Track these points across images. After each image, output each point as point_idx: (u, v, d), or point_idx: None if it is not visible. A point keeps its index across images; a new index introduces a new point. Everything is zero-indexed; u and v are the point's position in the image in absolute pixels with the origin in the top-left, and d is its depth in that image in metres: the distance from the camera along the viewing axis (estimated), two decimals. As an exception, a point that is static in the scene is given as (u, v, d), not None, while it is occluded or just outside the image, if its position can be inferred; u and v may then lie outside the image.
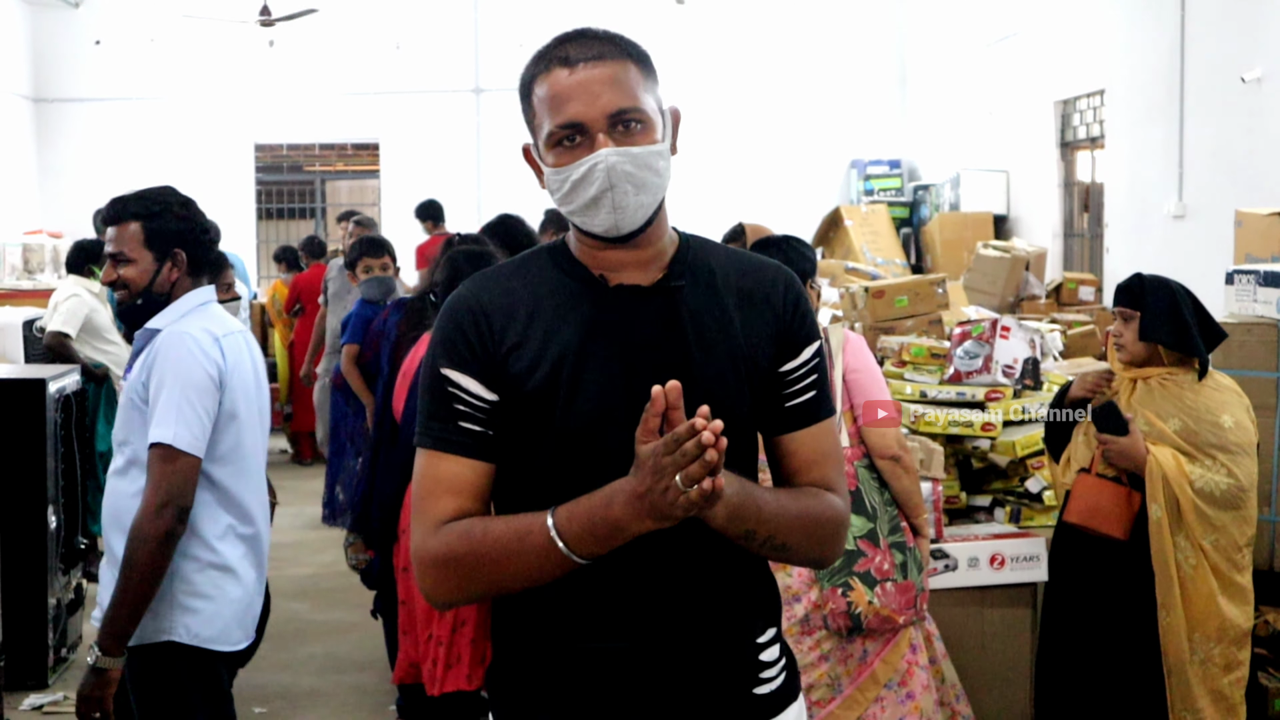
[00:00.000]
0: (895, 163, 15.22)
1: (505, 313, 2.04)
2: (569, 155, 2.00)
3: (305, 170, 16.69)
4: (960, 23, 14.00)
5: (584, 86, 1.99)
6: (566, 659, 2.04)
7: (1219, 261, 6.67)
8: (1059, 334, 7.11)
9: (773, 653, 2.12)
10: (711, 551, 2.02)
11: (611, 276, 2.06)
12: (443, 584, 2.00)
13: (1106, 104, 10.82)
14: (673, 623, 2.02)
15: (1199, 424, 4.13)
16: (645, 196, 2.01)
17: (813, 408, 2.12)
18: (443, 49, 15.64)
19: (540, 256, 2.12)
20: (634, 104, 2.00)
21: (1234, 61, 8.56)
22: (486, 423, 2.02)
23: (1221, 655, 4.13)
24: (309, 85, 15.63)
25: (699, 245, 2.14)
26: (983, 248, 10.56)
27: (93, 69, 15.60)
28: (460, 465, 2.02)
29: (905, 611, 3.86)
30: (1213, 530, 4.10)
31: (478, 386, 2.02)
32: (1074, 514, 4.25)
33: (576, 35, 2.04)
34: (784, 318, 2.10)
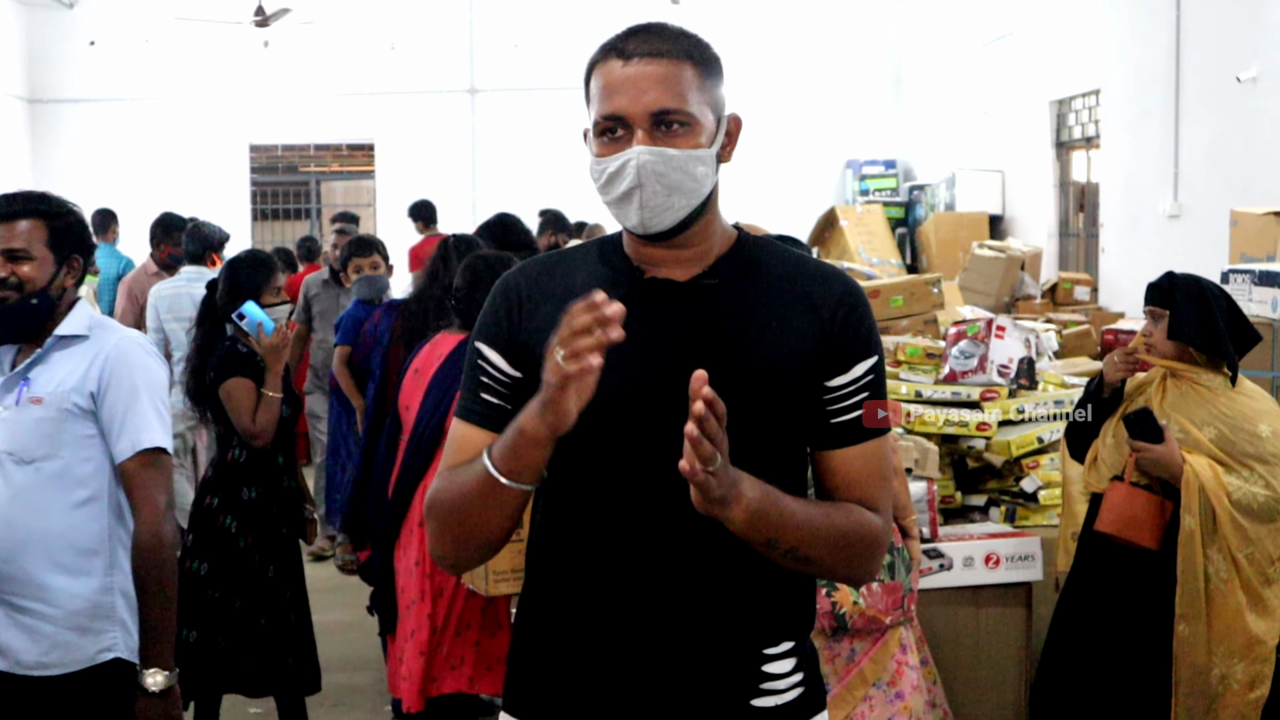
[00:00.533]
0: (890, 163, 15.23)
1: (540, 294, 2.09)
2: (609, 147, 2.02)
3: (300, 171, 16.69)
4: (955, 23, 14.01)
5: (632, 81, 1.99)
6: (566, 660, 2.06)
7: (1214, 261, 6.68)
8: (1054, 334, 7.11)
9: (783, 665, 2.08)
10: (728, 559, 2.00)
11: (651, 270, 2.07)
12: (432, 535, 2.06)
13: (1102, 104, 10.83)
14: (673, 624, 2.01)
15: (1236, 433, 4.03)
16: (678, 199, 2.00)
17: (860, 426, 2.07)
18: (438, 50, 15.64)
19: (591, 246, 2.16)
20: (679, 105, 2.00)
21: (1229, 62, 8.57)
22: (507, 397, 2.07)
23: (1245, 673, 4.02)
24: (304, 86, 15.62)
25: (756, 248, 2.12)
26: (978, 247, 10.57)
27: (87, 70, 15.59)
28: (477, 434, 2.06)
29: (892, 612, 3.85)
30: (1248, 543, 3.99)
31: (501, 361, 2.08)
32: (1107, 524, 4.15)
33: (643, 29, 2.05)
34: (831, 331, 2.04)
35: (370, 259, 6.58)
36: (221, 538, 4.65)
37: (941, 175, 13.72)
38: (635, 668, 2.02)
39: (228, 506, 4.66)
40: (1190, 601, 4.03)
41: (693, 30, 2.10)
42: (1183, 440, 4.07)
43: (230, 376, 4.64)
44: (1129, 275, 10.23)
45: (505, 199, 9.57)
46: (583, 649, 2.04)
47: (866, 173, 15.14)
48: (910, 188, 14.65)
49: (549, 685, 2.08)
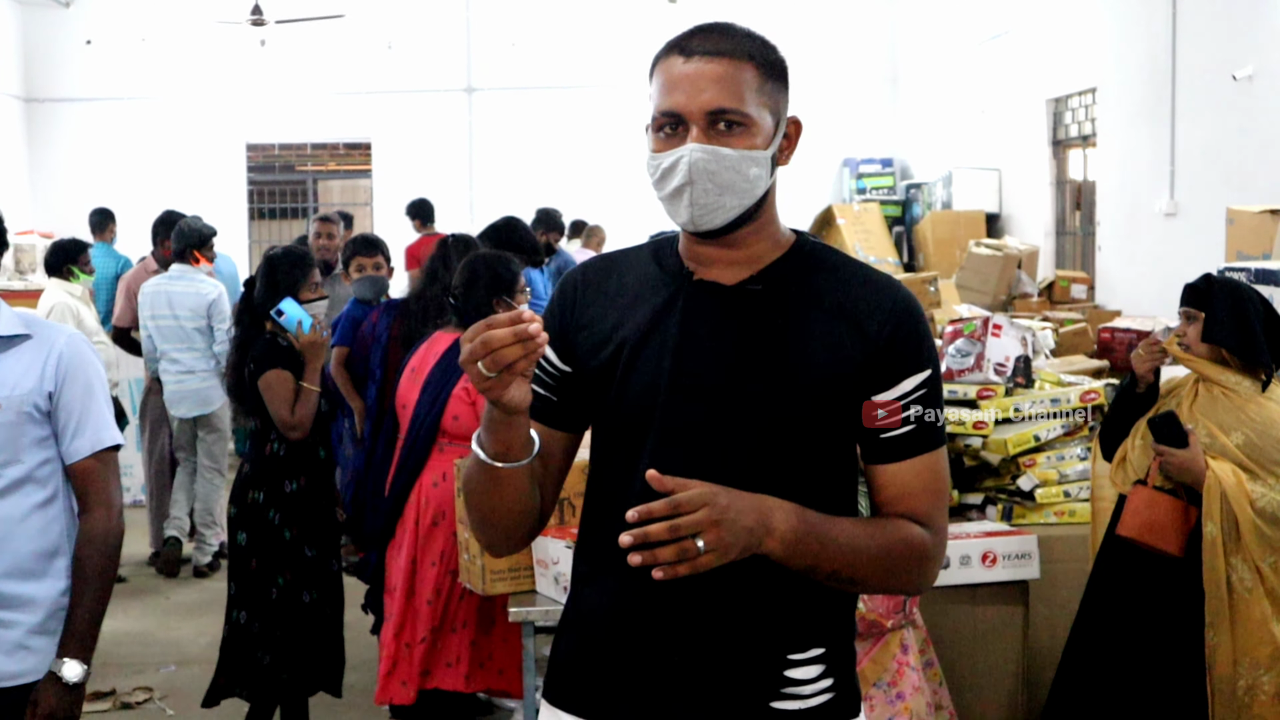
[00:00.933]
0: (888, 161, 15.24)
1: (596, 291, 2.13)
2: (664, 143, 2.02)
3: (297, 170, 16.69)
4: (952, 21, 14.02)
5: (691, 79, 2.00)
6: (597, 653, 2.09)
7: (1211, 259, 6.68)
8: (1051, 332, 7.11)
9: (809, 671, 2.06)
10: (758, 562, 1.97)
11: (701, 271, 2.08)
12: (470, 520, 2.12)
13: (1098, 102, 10.84)
14: (696, 624, 2.02)
15: (1263, 439, 3.97)
16: (730, 198, 2.00)
17: (911, 441, 2.03)
18: (434, 48, 15.63)
19: (648, 246, 2.19)
20: (735, 105, 2.00)
21: (1225, 60, 8.57)
22: (555, 390, 2.12)
23: (1272, 683, 3.94)
24: (301, 85, 15.62)
25: (812, 255, 2.10)
26: (975, 246, 10.58)
27: (84, 69, 15.59)
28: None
29: (893, 615, 3.83)
30: (1272, 552, 3.94)
31: (551, 354, 2.11)
32: (1129, 529, 4.11)
33: (709, 28, 2.06)
34: (877, 346, 2.01)
35: (374, 259, 6.58)
36: (269, 532, 4.71)
37: (938, 173, 13.72)
38: (661, 664, 2.04)
39: (272, 500, 4.72)
40: (1215, 610, 3.97)
41: (760, 34, 2.11)
42: (1209, 445, 4.02)
43: (270, 368, 4.70)
44: (1125, 273, 10.25)
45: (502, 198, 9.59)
46: (613, 642, 2.07)
47: (863, 171, 15.15)
48: (907, 186, 14.65)
49: (581, 676, 2.12)
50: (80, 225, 10.60)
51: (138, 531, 8.67)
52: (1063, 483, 4.79)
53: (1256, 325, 4.04)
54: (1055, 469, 4.79)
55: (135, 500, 9.67)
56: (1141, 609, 4.16)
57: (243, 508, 4.76)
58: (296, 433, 4.68)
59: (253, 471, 4.79)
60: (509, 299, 4.56)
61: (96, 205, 10.65)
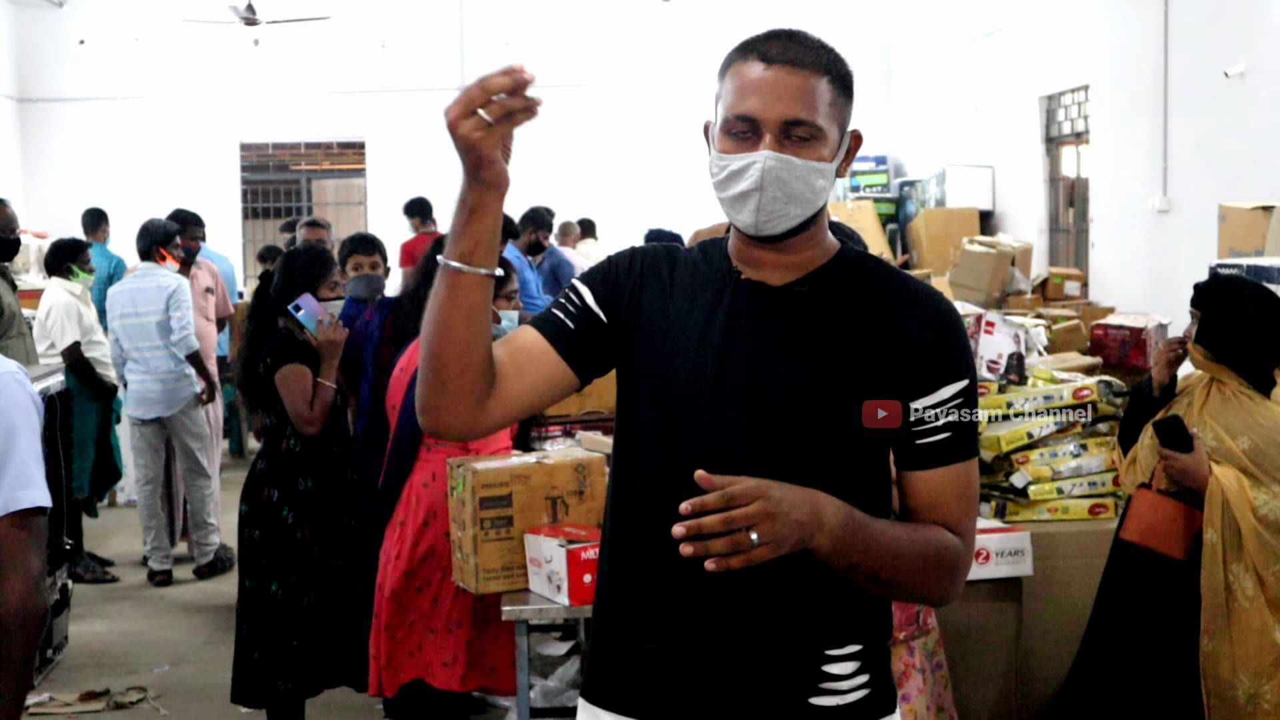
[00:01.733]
0: (881, 159, 15.24)
1: (651, 275, 2.15)
2: (736, 145, 2.03)
3: (291, 169, 16.67)
4: (945, 19, 14.03)
5: (770, 86, 2.02)
6: (625, 658, 2.11)
7: (1203, 255, 6.70)
8: (1044, 329, 7.11)
9: (846, 666, 2.08)
10: (795, 558, 1.97)
11: (749, 272, 2.11)
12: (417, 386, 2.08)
13: (1091, 99, 10.85)
14: (735, 621, 2.04)
15: (1269, 445, 3.92)
16: (794, 207, 2.03)
17: (944, 449, 2.06)
18: (428, 48, 15.62)
19: (698, 247, 2.21)
20: (811, 117, 2.02)
21: (1217, 57, 8.58)
22: (581, 321, 2.12)
23: (1274, 693, 3.91)
24: (294, 84, 15.61)
25: (858, 262, 2.14)
26: (968, 243, 10.58)
27: (77, 68, 15.57)
28: (530, 334, 2.12)
29: (905, 627, 3.80)
30: (1275, 560, 3.91)
31: (591, 299, 2.14)
32: (1131, 532, 4.11)
33: (788, 34, 2.10)
34: (918, 352, 2.05)
35: (371, 258, 6.58)
36: (281, 530, 4.71)
37: (932, 171, 13.73)
38: (701, 660, 2.05)
39: (286, 498, 4.72)
40: (1213, 617, 3.96)
41: (832, 45, 2.15)
42: (1216, 449, 3.99)
43: (287, 362, 4.69)
44: (1119, 270, 10.26)
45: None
46: (650, 640, 2.08)
47: (857, 169, 15.14)
48: (901, 184, 14.66)
49: (621, 673, 2.13)
50: (74, 225, 10.58)
51: (133, 532, 8.67)
52: (1056, 479, 4.79)
53: (1253, 328, 3.99)
54: (1048, 466, 4.79)
55: (130, 500, 9.67)
56: (1146, 610, 4.14)
57: (256, 505, 4.76)
58: (312, 428, 4.69)
59: (268, 468, 4.78)
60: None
61: (90, 205, 10.64)
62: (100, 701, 5.67)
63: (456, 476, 4.09)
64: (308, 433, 4.69)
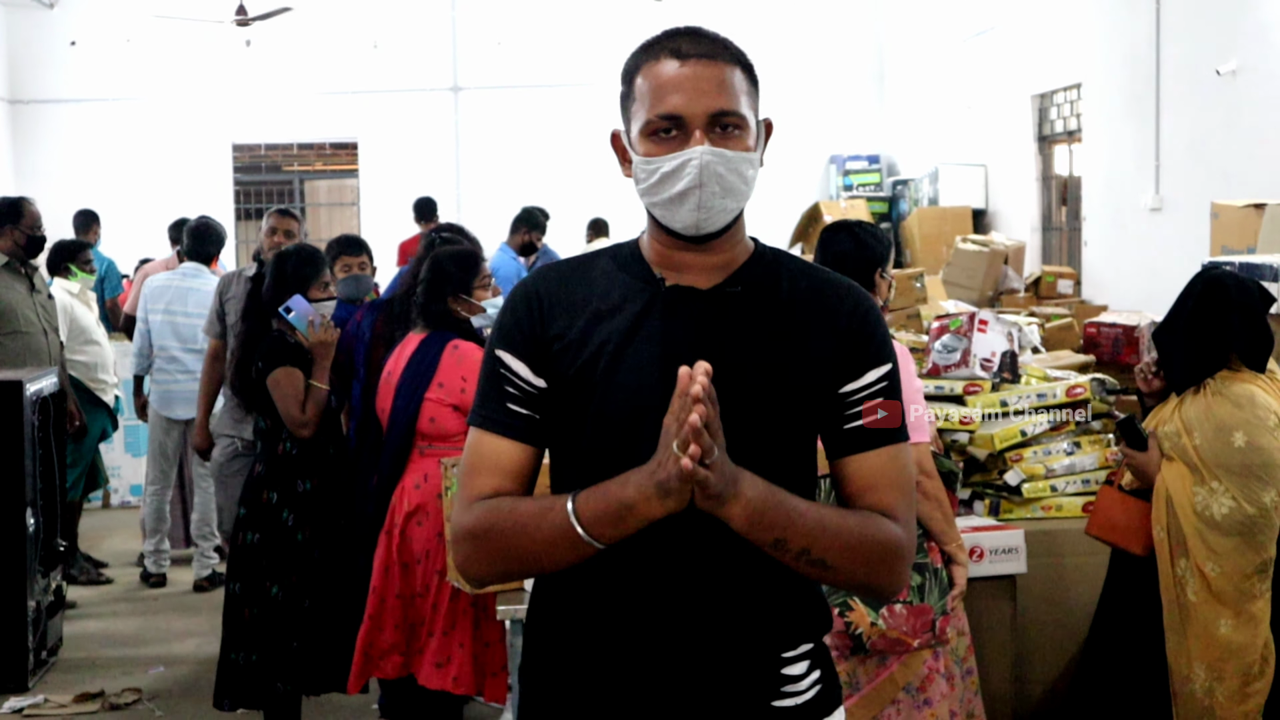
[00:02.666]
0: (874, 158, 15.25)
1: (560, 302, 2.07)
2: (663, 147, 2.00)
3: (283, 170, 16.65)
4: (938, 17, 14.03)
5: (690, 81, 1.99)
6: (588, 662, 2.06)
7: (1195, 253, 6.70)
8: (1037, 327, 7.13)
9: (801, 667, 2.09)
10: (744, 561, 2.00)
11: (673, 277, 2.07)
12: (473, 558, 2.03)
13: (1083, 98, 10.86)
14: (691, 630, 2.02)
15: (1214, 441, 3.96)
16: (730, 201, 2.01)
17: (874, 432, 2.07)
18: (421, 48, 15.61)
19: (606, 253, 2.15)
20: (735, 108, 2.01)
21: (1209, 55, 8.60)
22: (533, 406, 2.06)
23: (1229, 686, 3.95)
24: (286, 85, 15.59)
25: (772, 257, 2.13)
26: (961, 242, 10.59)
27: (68, 70, 15.53)
28: (504, 445, 2.05)
29: (920, 635, 3.73)
30: (1214, 555, 3.94)
31: (526, 370, 2.05)
32: (1093, 527, 4.23)
33: (690, 31, 2.06)
34: (846, 336, 2.06)
35: (359, 258, 6.57)
36: (282, 533, 4.70)
37: (924, 170, 13.74)
38: (657, 673, 2.02)
39: (285, 501, 4.71)
40: (1170, 612, 4.02)
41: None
42: (1174, 446, 4.04)
43: (279, 365, 4.68)
44: (1111, 268, 10.27)
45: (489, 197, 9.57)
46: (603, 657, 2.04)
47: (850, 168, 15.15)
48: (894, 182, 14.67)
49: (568, 695, 2.08)
50: (66, 226, 10.56)
51: (127, 533, 8.67)
52: (1049, 477, 4.80)
53: (1201, 328, 4.05)
54: (1042, 464, 4.80)
55: (124, 501, 9.66)
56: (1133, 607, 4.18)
57: (255, 508, 4.74)
58: (305, 430, 4.68)
59: (266, 472, 4.77)
60: (467, 296, 4.55)
61: (82, 207, 10.63)
62: (95, 703, 5.66)
63: (451, 476, 4.09)
64: (301, 435, 4.68)
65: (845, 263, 3.92)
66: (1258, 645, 3.95)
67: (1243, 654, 3.95)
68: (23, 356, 6.56)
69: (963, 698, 3.97)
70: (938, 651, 3.85)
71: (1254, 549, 3.92)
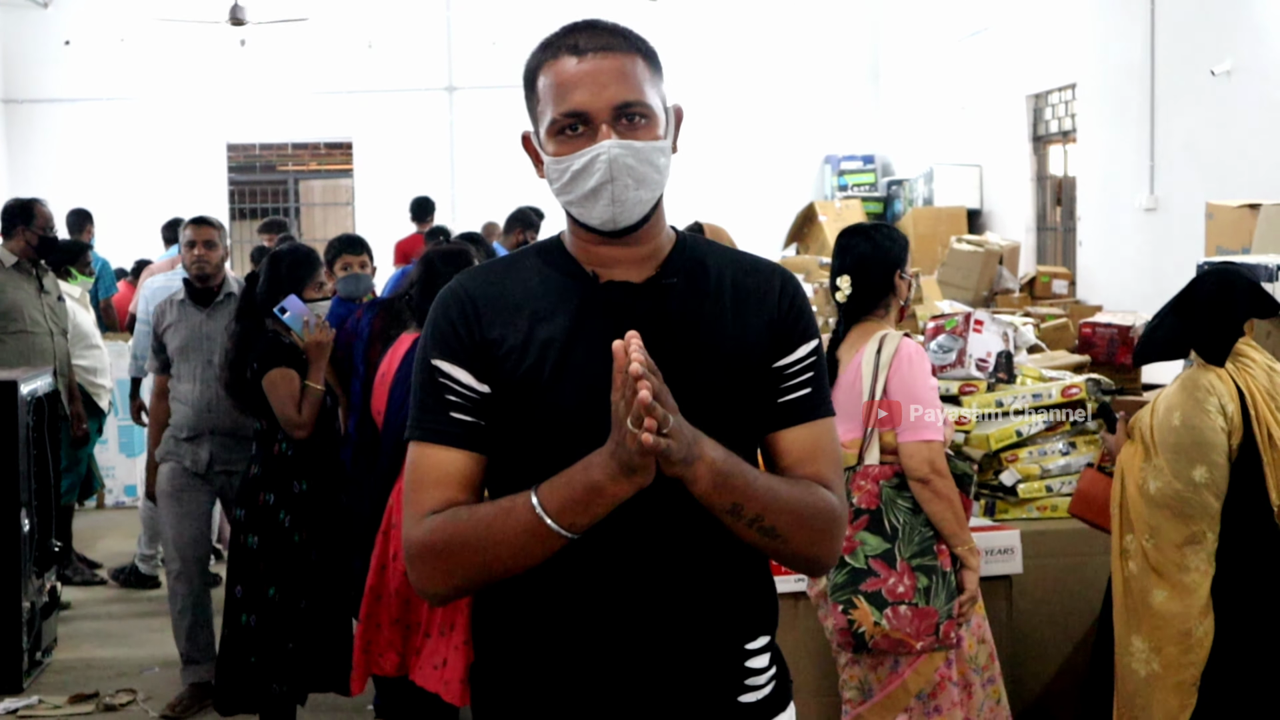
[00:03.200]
0: (869, 158, 15.26)
1: (494, 304, 2.03)
2: (571, 145, 1.98)
3: (278, 170, 16.65)
4: (933, 18, 14.04)
5: (591, 76, 1.96)
6: (545, 665, 2.03)
7: (1190, 253, 6.70)
8: (1032, 327, 7.12)
9: (761, 660, 2.09)
10: (704, 555, 2.00)
11: (603, 273, 2.05)
12: (432, 573, 1.98)
13: (1078, 98, 10.87)
14: (656, 628, 2.00)
15: (1160, 422, 4.09)
16: (645, 192, 2.00)
17: (806, 405, 2.08)
18: (415, 48, 15.61)
19: (530, 253, 2.11)
20: (639, 98, 1.98)
21: (1204, 55, 8.61)
22: (477, 414, 2.01)
23: (1165, 657, 4.05)
24: (281, 85, 15.58)
25: (695, 244, 2.12)
26: (956, 242, 10.59)
27: (63, 69, 15.52)
28: (451, 456, 2.01)
29: (923, 638, 3.70)
30: (1150, 529, 4.05)
31: (468, 377, 2.01)
32: (1073, 505, 4.40)
33: (586, 25, 2.03)
34: (778, 315, 2.08)
35: (360, 257, 6.54)
36: (279, 534, 4.69)
37: (919, 170, 13.75)
38: (622, 668, 2.01)
39: (282, 502, 4.70)
40: (1115, 584, 4.16)
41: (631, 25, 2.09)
42: (1140, 427, 4.18)
43: (274, 366, 4.66)
44: (1106, 268, 10.28)
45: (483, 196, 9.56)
46: (563, 653, 2.02)
47: (845, 168, 15.16)
48: (889, 183, 14.68)
49: (526, 695, 2.05)
50: (59, 226, 10.53)
51: (121, 533, 8.65)
52: (1045, 478, 4.80)
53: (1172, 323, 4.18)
54: (1037, 464, 4.80)
55: (118, 501, 9.64)
56: None
57: (252, 510, 4.73)
58: (301, 431, 4.67)
59: (262, 473, 4.76)
60: None
61: (76, 206, 10.60)
62: (90, 704, 5.65)
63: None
64: (297, 436, 4.67)
65: (864, 266, 3.93)
66: (1190, 615, 4.02)
67: (1175, 624, 4.03)
68: (26, 356, 6.55)
69: (982, 707, 3.94)
70: (951, 659, 3.83)
71: (1182, 521, 4.01)
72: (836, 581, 3.71)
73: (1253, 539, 4.02)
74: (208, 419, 5.44)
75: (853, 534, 3.72)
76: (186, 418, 5.49)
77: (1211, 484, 4.00)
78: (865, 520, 3.73)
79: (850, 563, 3.71)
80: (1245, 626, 4.03)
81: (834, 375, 3.85)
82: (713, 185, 14.46)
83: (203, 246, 5.67)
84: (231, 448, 5.40)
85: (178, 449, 5.52)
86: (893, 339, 3.81)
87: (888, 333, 3.83)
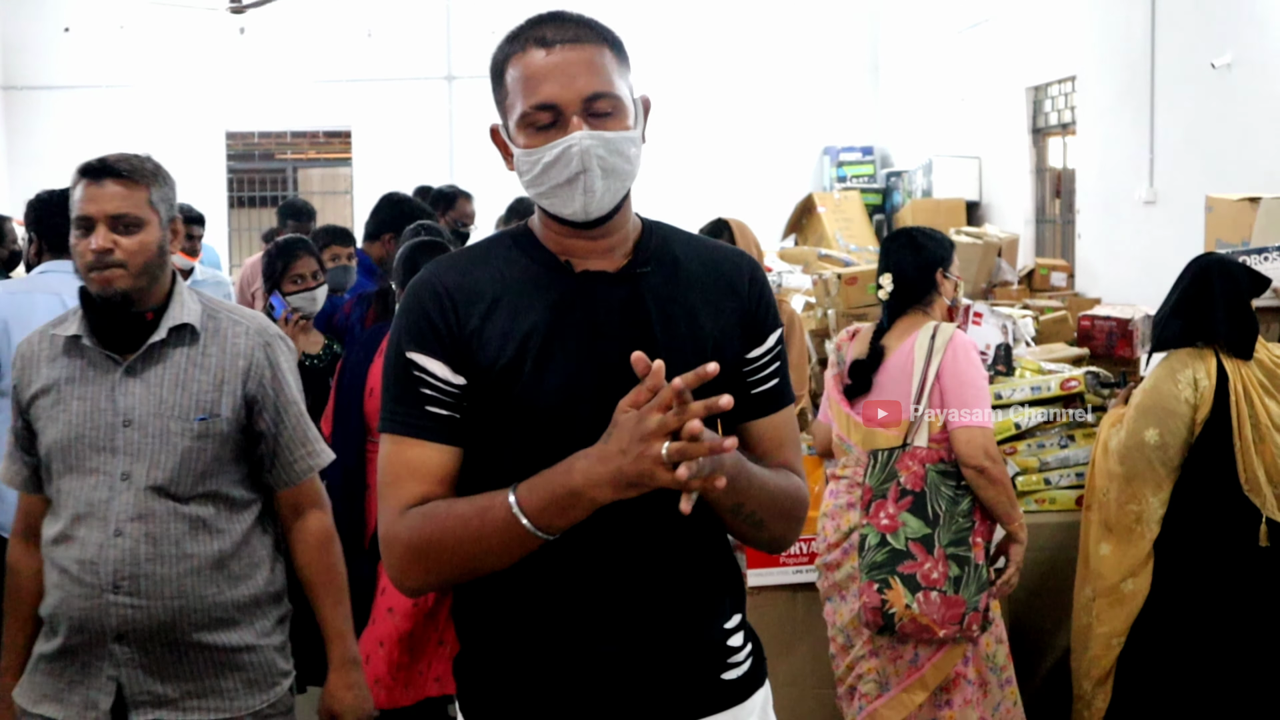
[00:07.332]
0: (868, 149, 15.24)
1: (469, 295, 2.02)
2: (541, 137, 1.98)
3: (277, 158, 16.62)
4: (933, 9, 14.02)
5: (560, 68, 1.97)
6: (531, 654, 2.03)
7: (1189, 246, 6.69)
8: (1031, 320, 7.12)
9: (739, 638, 2.12)
10: (675, 537, 2.02)
11: (577, 263, 2.05)
12: (410, 569, 1.98)
13: (1078, 90, 10.86)
14: (639, 612, 2.01)
15: (1139, 385, 4.38)
16: (615, 182, 2.00)
17: (776, 395, 2.14)
18: (415, 36, 15.58)
19: (503, 242, 2.10)
20: (609, 89, 1.98)
21: (1204, 48, 8.59)
22: (454, 406, 2.00)
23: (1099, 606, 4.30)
24: (280, 72, 15.55)
25: (661, 232, 2.13)
26: (955, 234, 10.58)
27: (62, 56, 15.49)
28: (427, 450, 2.00)
29: (947, 626, 3.74)
30: (1107, 484, 4.28)
31: (444, 370, 2.00)
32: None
33: (552, 17, 2.03)
34: (749, 305, 2.10)
35: (348, 249, 6.53)
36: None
37: (919, 162, 13.73)
38: (609, 656, 2.01)
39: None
40: (1081, 536, 4.42)
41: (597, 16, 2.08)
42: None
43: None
44: (1105, 261, 10.28)
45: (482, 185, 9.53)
46: (549, 644, 2.02)
47: (844, 159, 15.14)
48: (888, 174, 14.66)
49: (513, 685, 2.04)
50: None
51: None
52: (1043, 470, 4.81)
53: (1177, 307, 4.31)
54: (1036, 457, 4.80)
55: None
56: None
57: None
58: None
59: None
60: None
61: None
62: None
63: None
64: None
65: (907, 269, 4.07)
66: (1124, 568, 4.23)
67: (1108, 578, 4.26)
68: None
69: (999, 707, 3.95)
70: (969, 656, 3.85)
71: (1132, 478, 4.22)
72: (875, 560, 3.75)
73: (1205, 512, 4.19)
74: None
75: (896, 513, 3.76)
76: None
77: (1160, 448, 4.18)
78: (910, 501, 3.77)
79: (891, 543, 3.75)
80: (1178, 591, 4.20)
81: (881, 362, 3.96)
82: (712, 176, 14.45)
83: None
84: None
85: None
86: (945, 330, 3.92)
87: (940, 324, 3.95)
